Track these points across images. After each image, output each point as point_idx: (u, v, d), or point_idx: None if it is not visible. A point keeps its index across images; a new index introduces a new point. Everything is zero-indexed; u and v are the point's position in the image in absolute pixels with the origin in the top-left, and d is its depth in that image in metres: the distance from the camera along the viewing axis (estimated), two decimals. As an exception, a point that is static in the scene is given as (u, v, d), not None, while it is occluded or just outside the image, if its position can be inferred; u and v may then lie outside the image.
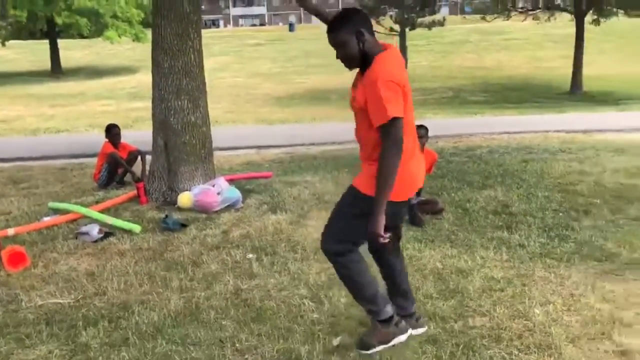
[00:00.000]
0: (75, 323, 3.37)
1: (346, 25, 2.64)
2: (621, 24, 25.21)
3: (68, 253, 4.52)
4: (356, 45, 2.63)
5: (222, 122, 14.06)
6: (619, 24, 25.18)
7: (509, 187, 6.19)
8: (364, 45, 2.63)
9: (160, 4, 5.33)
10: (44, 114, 17.31)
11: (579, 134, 9.99)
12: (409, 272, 3.49)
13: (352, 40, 2.62)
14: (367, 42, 2.63)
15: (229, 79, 26.74)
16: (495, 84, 22.50)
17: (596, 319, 3.23)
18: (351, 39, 2.62)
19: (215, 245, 4.59)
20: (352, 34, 2.62)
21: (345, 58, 2.69)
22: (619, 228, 4.76)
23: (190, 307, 3.56)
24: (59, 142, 10.93)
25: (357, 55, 2.65)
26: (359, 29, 2.62)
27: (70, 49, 39.63)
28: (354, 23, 2.63)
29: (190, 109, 5.51)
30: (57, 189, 6.76)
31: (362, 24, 2.64)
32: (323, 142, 9.81)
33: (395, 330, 2.92)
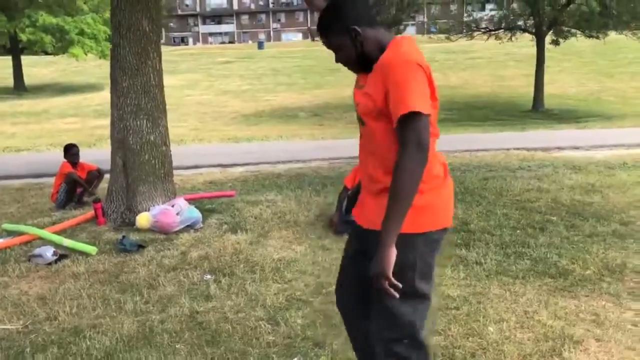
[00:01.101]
0: (22, 350, 3.28)
1: (335, 23, 2.03)
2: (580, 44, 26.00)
3: (20, 276, 4.41)
4: (352, 48, 2.02)
5: (188, 140, 13.99)
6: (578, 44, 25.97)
7: (469, 204, 6.27)
8: (364, 46, 2.01)
9: (118, 23, 5.29)
10: (5, 132, 16.97)
11: (538, 151, 10.20)
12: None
13: (346, 41, 2.02)
14: (367, 42, 2.00)
15: (197, 97, 26.62)
16: (460, 102, 22.86)
17: (548, 336, 3.28)
18: (345, 41, 2.02)
19: (172, 267, 4.53)
20: (345, 33, 2.01)
21: (345, 62, 2.10)
22: (573, 245, 4.85)
23: (144, 330, 3.49)
24: (18, 162, 10.69)
25: (357, 59, 2.05)
26: (352, 25, 1.99)
27: (35, 65, 39.00)
28: (344, 18, 2.01)
29: (149, 129, 5.46)
30: (13, 209, 6.60)
31: (356, 17, 2.01)
32: (289, 160, 9.81)
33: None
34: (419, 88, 1.87)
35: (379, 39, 2.02)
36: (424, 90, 1.89)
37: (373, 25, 2.04)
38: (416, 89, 1.86)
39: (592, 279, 4.11)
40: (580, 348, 3.14)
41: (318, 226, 5.47)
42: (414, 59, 1.90)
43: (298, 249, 4.84)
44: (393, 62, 1.91)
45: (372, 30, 2.02)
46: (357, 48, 2.02)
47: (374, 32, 2.02)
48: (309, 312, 3.66)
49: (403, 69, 1.88)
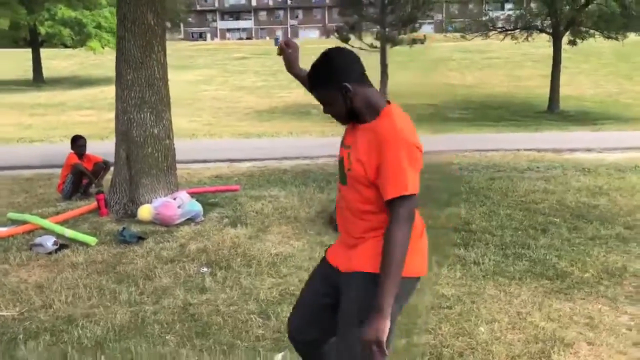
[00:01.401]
0: (15, 336, 3.33)
1: (327, 80, 2.10)
2: (600, 45, 25.66)
3: (20, 265, 4.47)
4: (343, 103, 2.09)
5: (200, 135, 14.06)
6: (598, 45, 25.64)
7: (473, 204, 6.22)
8: (353, 102, 2.08)
9: (124, 17, 5.33)
10: (22, 123, 17.18)
11: (549, 152, 10.10)
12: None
13: (337, 97, 2.09)
14: (357, 99, 2.08)
15: (213, 92, 26.73)
16: (476, 102, 22.72)
17: (538, 337, 3.25)
18: (336, 96, 2.09)
19: (170, 259, 4.56)
20: (336, 90, 2.07)
21: (334, 115, 2.18)
22: (574, 247, 4.80)
23: (136, 321, 3.52)
24: (31, 153, 10.83)
25: (345, 114, 2.13)
26: (344, 83, 2.06)
27: (55, 58, 39.46)
28: (336, 76, 2.07)
29: (152, 122, 5.50)
30: (21, 199, 6.68)
31: (346, 74, 2.08)
32: (296, 156, 9.81)
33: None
34: (413, 169, 1.99)
35: (368, 96, 2.10)
36: (416, 171, 2.01)
37: (362, 83, 2.12)
38: (411, 170, 1.98)
39: (590, 282, 4.07)
40: (570, 351, 3.11)
41: (318, 222, 5.47)
42: (411, 141, 2.00)
43: (296, 244, 4.85)
44: (390, 140, 1.99)
45: (362, 88, 2.10)
46: (346, 103, 2.10)
47: (363, 90, 2.10)
48: (300, 307, 3.66)
49: (400, 149, 1.98)
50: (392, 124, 2.02)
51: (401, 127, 2.01)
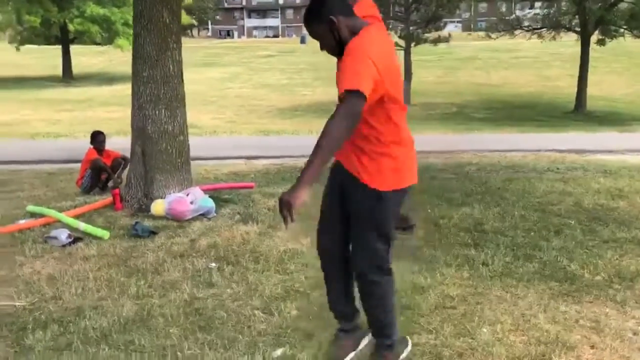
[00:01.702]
0: (25, 326, 3.40)
1: (317, 15, 2.41)
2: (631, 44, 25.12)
3: (35, 257, 4.58)
4: (331, 35, 2.41)
5: (221, 131, 14.21)
6: (630, 45, 25.10)
7: (487, 205, 6.17)
8: (339, 33, 2.39)
9: (140, 14, 5.42)
10: (50, 119, 17.57)
11: (571, 153, 9.95)
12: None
13: (325, 30, 2.40)
14: (342, 29, 2.39)
15: (237, 89, 26.97)
16: (501, 101, 22.48)
17: (541, 340, 3.21)
18: (326, 30, 2.40)
19: (180, 254, 4.62)
20: (325, 23, 2.38)
21: (327, 49, 2.49)
22: (587, 250, 4.73)
23: (142, 314, 3.58)
24: (55, 147, 11.07)
25: (336, 46, 2.43)
26: (330, 16, 2.37)
27: (85, 55, 40.22)
28: (325, 10, 2.39)
29: (167, 118, 5.58)
30: (41, 192, 6.85)
31: (335, 9, 2.39)
32: (314, 154, 9.83)
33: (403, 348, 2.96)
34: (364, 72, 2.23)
35: (351, 25, 2.40)
36: (367, 76, 2.23)
37: (348, 15, 2.40)
38: (360, 72, 2.22)
39: (600, 285, 4.00)
40: (572, 354, 3.07)
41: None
42: (365, 51, 2.27)
43: (305, 241, 4.86)
44: (347, 50, 2.32)
45: (346, 19, 2.39)
46: (334, 35, 2.41)
47: (347, 21, 2.39)
48: (304, 304, 3.68)
49: (352, 55, 2.28)
50: (355, 40, 2.34)
51: (361, 42, 2.32)
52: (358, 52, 2.27)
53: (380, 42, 2.40)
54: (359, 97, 2.19)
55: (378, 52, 2.30)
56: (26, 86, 28.13)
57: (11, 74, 33.43)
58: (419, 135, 10.69)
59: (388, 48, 2.47)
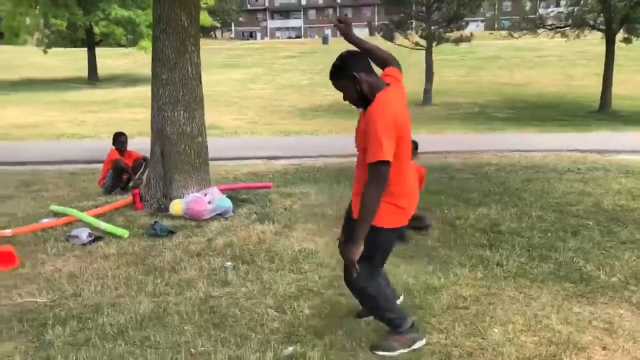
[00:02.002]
0: (45, 321, 3.51)
1: (342, 71, 2.82)
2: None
3: (56, 255, 4.70)
4: (354, 89, 2.80)
5: (242, 132, 14.32)
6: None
7: (505, 205, 6.14)
8: (361, 87, 2.79)
9: (158, 17, 5.51)
10: (75, 120, 17.88)
11: (593, 153, 9.82)
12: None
13: (349, 85, 2.80)
14: (364, 84, 2.79)
15: (258, 90, 27.13)
16: (524, 101, 22.22)
17: (552, 340, 3.21)
18: (348, 84, 2.80)
19: (196, 253, 4.70)
20: (349, 78, 2.79)
21: (349, 100, 2.90)
22: (604, 251, 4.69)
23: (158, 311, 3.66)
24: (79, 148, 11.29)
25: (358, 98, 2.83)
26: (353, 73, 2.77)
27: (110, 57, 40.88)
28: (349, 68, 2.80)
29: (186, 120, 5.67)
30: (64, 192, 7.01)
31: (357, 67, 2.80)
32: (332, 154, 9.88)
33: (415, 336, 3.16)
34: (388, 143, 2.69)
35: (372, 83, 2.82)
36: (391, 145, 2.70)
37: (368, 73, 2.83)
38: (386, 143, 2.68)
39: (616, 287, 3.97)
40: (583, 355, 3.06)
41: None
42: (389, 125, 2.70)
43: (319, 241, 4.92)
44: (370, 121, 2.72)
45: (367, 76, 2.82)
46: (357, 89, 2.81)
47: (368, 77, 2.82)
48: (317, 303, 3.73)
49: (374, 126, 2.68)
50: (373, 108, 2.75)
51: (377, 110, 2.73)
52: (380, 125, 2.68)
53: (396, 102, 2.81)
54: (385, 165, 2.70)
55: (394, 116, 2.74)
56: (52, 88, 28.70)
57: (38, 76, 34.13)
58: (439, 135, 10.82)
59: (402, 106, 2.86)
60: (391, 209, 2.87)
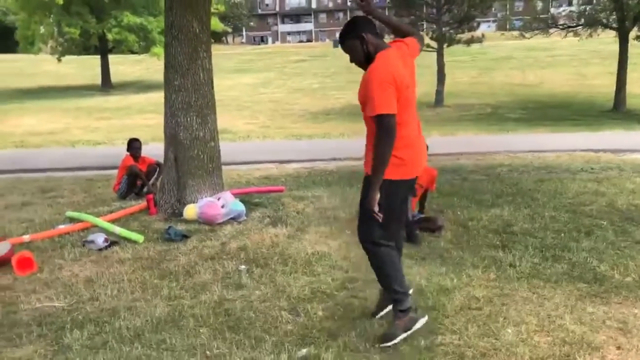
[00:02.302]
0: (63, 325, 3.57)
1: (352, 32, 3.04)
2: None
3: (73, 260, 4.77)
4: (361, 49, 3.02)
5: (254, 136, 14.41)
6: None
7: (518, 206, 6.13)
8: (367, 47, 3.01)
9: (171, 24, 5.59)
10: (89, 127, 18.10)
11: (607, 153, 9.76)
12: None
13: (357, 44, 3.02)
14: (370, 44, 3.00)
15: (270, 94, 27.24)
16: (536, 101, 22.10)
17: (566, 340, 3.21)
18: (356, 44, 3.03)
19: (211, 256, 4.75)
20: (357, 38, 3.01)
21: (355, 61, 3.10)
22: (618, 250, 4.67)
23: (174, 314, 3.71)
24: (94, 154, 11.43)
25: (364, 58, 3.03)
26: (361, 33, 3.00)
27: (123, 64, 41.27)
28: (358, 29, 3.02)
29: (198, 125, 5.74)
30: (80, 198, 7.10)
31: (365, 28, 3.02)
32: (344, 157, 9.91)
33: (414, 316, 3.24)
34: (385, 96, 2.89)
35: (375, 44, 3.03)
36: (389, 97, 2.89)
37: (374, 35, 3.04)
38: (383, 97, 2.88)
39: (630, 286, 3.95)
40: (597, 355, 3.06)
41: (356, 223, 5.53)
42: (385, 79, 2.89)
43: (332, 244, 4.95)
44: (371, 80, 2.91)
45: (374, 38, 3.03)
46: (364, 49, 3.02)
47: (375, 39, 3.03)
48: (330, 305, 3.76)
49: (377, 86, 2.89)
50: (372, 66, 2.94)
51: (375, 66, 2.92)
52: (376, 80, 2.88)
53: (395, 59, 2.99)
54: (390, 117, 2.88)
55: (391, 71, 2.91)
56: (67, 95, 29.02)
57: (52, 84, 34.54)
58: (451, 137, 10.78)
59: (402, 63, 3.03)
60: (391, 160, 2.98)
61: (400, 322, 3.20)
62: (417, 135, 3.19)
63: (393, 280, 3.22)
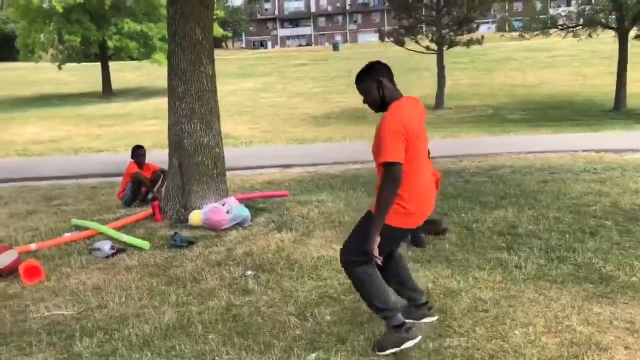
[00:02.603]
0: (73, 334, 3.59)
1: (370, 75, 3.11)
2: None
3: (80, 268, 4.80)
4: (377, 93, 3.08)
5: (257, 141, 14.43)
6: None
7: (522, 208, 6.15)
8: (384, 92, 3.07)
9: (174, 33, 5.63)
10: (91, 134, 18.13)
11: (609, 153, 9.77)
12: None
13: (373, 88, 3.08)
14: (386, 90, 3.08)
15: (271, 99, 27.27)
16: (537, 102, 22.13)
17: (574, 342, 3.22)
18: (373, 87, 3.08)
19: (217, 263, 4.77)
20: (374, 82, 3.08)
21: (370, 103, 3.15)
22: (623, 251, 4.68)
23: (182, 321, 3.73)
24: (97, 162, 11.46)
25: (379, 101, 3.09)
26: (379, 78, 3.07)
27: (123, 70, 41.32)
28: (376, 73, 3.09)
29: (203, 132, 5.77)
30: (85, 206, 7.13)
31: (383, 74, 3.09)
32: (347, 161, 9.93)
33: (405, 336, 3.21)
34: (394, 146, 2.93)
35: (391, 90, 3.13)
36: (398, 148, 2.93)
37: (391, 81, 3.14)
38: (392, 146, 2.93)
39: (636, 287, 3.97)
40: (605, 356, 3.07)
41: (362, 227, 5.55)
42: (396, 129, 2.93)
43: (338, 248, 4.90)
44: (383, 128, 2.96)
45: (390, 84, 3.12)
46: (379, 93, 3.09)
47: (391, 86, 3.12)
48: (337, 310, 3.77)
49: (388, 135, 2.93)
50: (386, 114, 3.01)
51: (388, 115, 2.98)
52: (388, 128, 2.93)
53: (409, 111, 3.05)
54: (397, 166, 2.94)
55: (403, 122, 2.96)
56: (68, 103, 29.07)
57: (54, 92, 34.60)
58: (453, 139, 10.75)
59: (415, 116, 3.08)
60: (396, 209, 3.04)
61: (392, 337, 3.21)
62: (428, 184, 3.21)
63: (373, 297, 3.22)
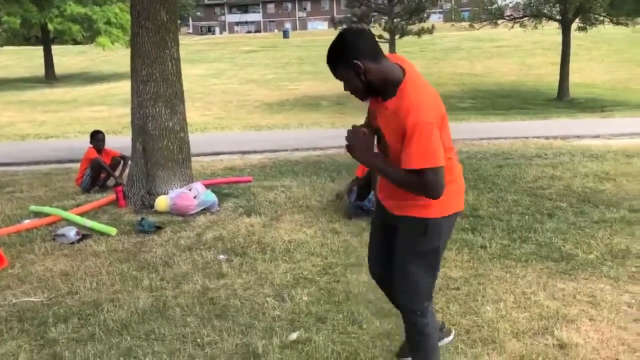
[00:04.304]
0: (45, 320, 3.52)
1: (340, 58, 2.24)
2: (610, 31, 25.55)
3: (45, 254, 4.67)
4: (358, 79, 2.24)
5: (211, 127, 14.24)
6: (609, 32, 25.52)
7: (481, 191, 6.35)
8: (366, 76, 2.22)
9: (138, 14, 5.50)
10: (36, 120, 17.43)
11: (557, 140, 10.18)
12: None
13: (350, 74, 2.24)
14: (369, 73, 2.22)
15: (222, 85, 26.90)
16: (485, 91, 22.72)
17: (542, 315, 3.40)
18: (350, 74, 2.24)
19: (187, 247, 4.74)
20: (349, 67, 2.22)
21: (352, 92, 2.33)
22: (580, 230, 4.93)
23: (158, 305, 3.71)
24: (47, 148, 11.06)
25: (362, 88, 2.28)
26: (355, 60, 2.20)
27: (66, 55, 39.84)
28: (348, 53, 2.21)
29: (167, 115, 5.68)
30: (41, 193, 6.90)
31: (358, 51, 2.21)
32: (307, 147, 9.97)
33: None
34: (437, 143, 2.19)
35: (382, 71, 2.25)
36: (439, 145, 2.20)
37: (375, 59, 2.24)
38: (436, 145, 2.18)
39: (594, 263, 4.20)
40: (572, 327, 3.25)
41: (329, 211, 5.63)
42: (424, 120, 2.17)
43: (308, 231, 5.01)
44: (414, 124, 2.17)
45: (374, 64, 2.23)
46: (361, 79, 2.25)
47: (376, 66, 2.23)
48: (314, 290, 3.83)
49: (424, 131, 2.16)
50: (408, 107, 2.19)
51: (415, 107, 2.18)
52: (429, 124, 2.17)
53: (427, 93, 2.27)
54: (439, 171, 2.20)
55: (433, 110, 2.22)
56: (8, 88, 27.79)
57: (-9, 76, 33.04)
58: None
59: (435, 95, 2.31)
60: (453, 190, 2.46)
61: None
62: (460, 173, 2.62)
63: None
